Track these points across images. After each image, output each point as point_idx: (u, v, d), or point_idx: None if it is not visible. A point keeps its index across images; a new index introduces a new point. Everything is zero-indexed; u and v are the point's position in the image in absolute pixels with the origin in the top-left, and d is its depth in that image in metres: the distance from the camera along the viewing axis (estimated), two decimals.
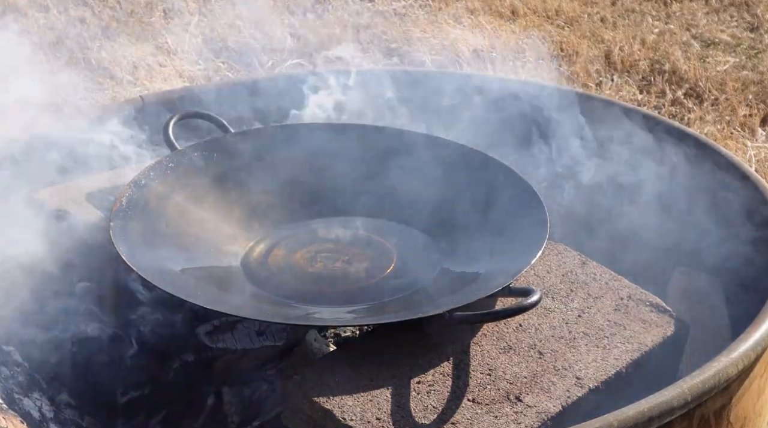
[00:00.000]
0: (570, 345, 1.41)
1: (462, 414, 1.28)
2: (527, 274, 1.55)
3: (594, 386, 1.34)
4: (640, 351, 1.41)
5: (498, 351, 1.39)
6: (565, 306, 1.50)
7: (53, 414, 1.43)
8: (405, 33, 3.67)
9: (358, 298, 1.52)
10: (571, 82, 3.30)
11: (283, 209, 1.71)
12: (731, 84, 3.33)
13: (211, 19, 3.54)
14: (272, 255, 1.62)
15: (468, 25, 3.76)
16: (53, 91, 1.80)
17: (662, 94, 3.31)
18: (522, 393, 1.32)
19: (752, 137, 3.01)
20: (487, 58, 3.46)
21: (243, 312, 1.43)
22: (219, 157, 1.72)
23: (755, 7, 4.02)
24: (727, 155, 1.80)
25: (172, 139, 1.71)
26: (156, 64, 3.41)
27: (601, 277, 1.57)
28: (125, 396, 1.50)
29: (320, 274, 1.58)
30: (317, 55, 3.26)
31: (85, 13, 3.77)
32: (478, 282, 1.46)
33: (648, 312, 1.50)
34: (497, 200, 1.62)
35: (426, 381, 1.33)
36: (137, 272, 1.38)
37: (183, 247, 1.55)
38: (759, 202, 1.68)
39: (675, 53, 3.54)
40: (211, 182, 1.69)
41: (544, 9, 4.00)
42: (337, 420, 1.26)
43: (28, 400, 1.42)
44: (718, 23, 3.89)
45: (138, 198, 1.57)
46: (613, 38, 3.68)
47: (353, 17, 3.72)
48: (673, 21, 3.91)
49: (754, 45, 3.73)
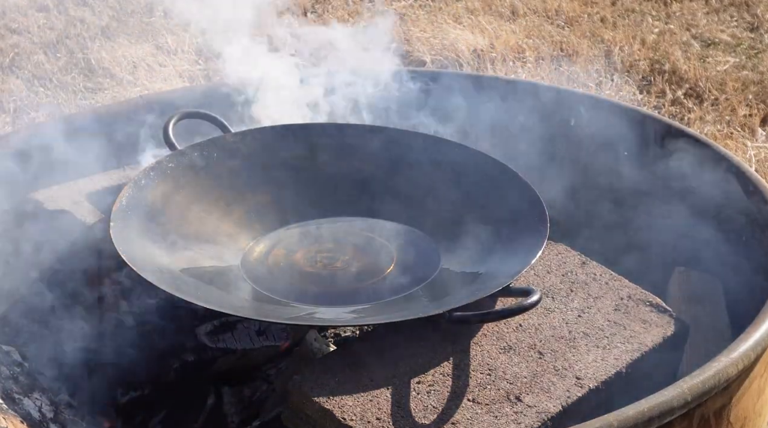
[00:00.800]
0: (570, 345, 1.41)
1: (462, 414, 1.28)
2: (527, 274, 1.55)
3: (594, 386, 1.34)
4: (640, 351, 1.41)
5: (498, 351, 1.39)
6: (565, 306, 1.50)
7: (53, 414, 1.43)
8: (405, 33, 3.67)
9: (358, 298, 1.52)
10: (572, 82, 3.30)
11: (283, 209, 1.71)
12: (731, 84, 3.33)
13: None
14: (272, 255, 1.62)
15: (468, 25, 3.76)
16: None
17: (662, 94, 3.31)
18: (522, 393, 1.32)
19: (752, 137, 3.01)
20: (487, 58, 3.46)
21: (243, 312, 1.43)
22: (219, 157, 1.72)
23: (755, 7, 4.02)
24: (727, 155, 1.80)
25: (172, 139, 1.71)
26: (156, 64, 3.41)
27: (601, 277, 1.57)
28: (125, 396, 1.50)
29: (320, 274, 1.58)
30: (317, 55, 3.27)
31: (85, 13, 3.77)
32: (478, 282, 1.46)
33: (648, 312, 1.50)
34: (497, 200, 1.62)
35: (426, 381, 1.33)
36: (137, 272, 1.38)
37: (183, 247, 1.55)
38: (759, 202, 1.68)
39: (675, 53, 3.54)
40: (211, 182, 1.69)
41: (544, 9, 4.00)
42: (337, 420, 1.26)
43: (28, 400, 1.42)
44: (718, 23, 3.89)
45: (138, 198, 1.57)
46: (613, 38, 3.68)
47: (353, 17, 3.72)
48: (673, 21, 3.91)
49: (754, 45, 3.73)
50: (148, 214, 1.56)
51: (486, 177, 1.67)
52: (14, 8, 3.68)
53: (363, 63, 1.96)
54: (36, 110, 1.86)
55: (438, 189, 1.70)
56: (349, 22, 3.70)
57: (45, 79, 3.27)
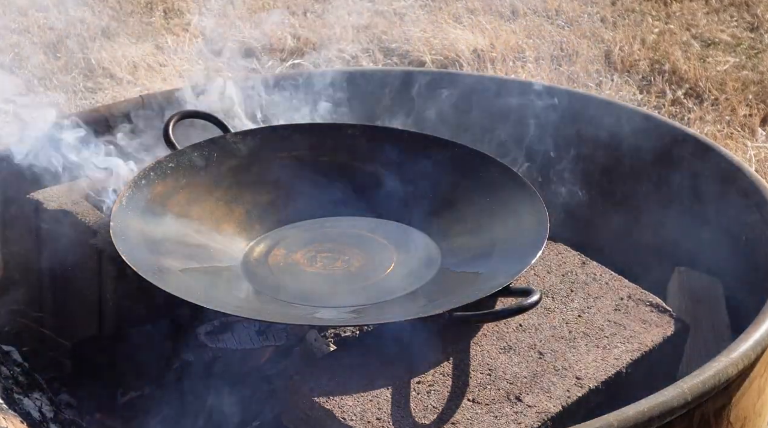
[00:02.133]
0: (570, 345, 1.41)
1: (462, 414, 1.28)
2: (527, 274, 1.55)
3: (594, 386, 1.34)
4: (640, 351, 1.41)
5: (498, 351, 1.39)
6: (565, 306, 1.50)
7: (53, 414, 1.43)
8: (405, 33, 3.67)
9: (358, 298, 1.52)
10: (572, 82, 3.30)
11: (283, 209, 1.71)
12: (731, 84, 3.32)
13: (212, 19, 3.54)
14: (272, 255, 1.62)
15: (468, 25, 3.76)
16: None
17: (662, 94, 3.30)
18: (522, 393, 1.32)
19: (752, 137, 3.01)
20: (487, 58, 3.46)
21: (243, 312, 1.43)
22: (219, 157, 1.72)
23: (755, 7, 4.02)
24: (727, 155, 1.80)
25: (172, 139, 1.71)
26: (156, 63, 3.41)
27: (601, 277, 1.57)
28: (125, 396, 1.50)
29: (320, 274, 1.58)
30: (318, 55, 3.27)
31: (85, 13, 3.77)
32: (478, 282, 1.46)
33: (648, 312, 1.50)
34: (497, 200, 1.62)
35: (426, 381, 1.33)
36: (137, 272, 1.38)
37: (183, 247, 1.55)
38: (759, 202, 1.68)
39: (675, 53, 3.54)
40: (211, 182, 1.69)
41: (544, 9, 3.99)
42: (337, 420, 1.26)
43: (28, 400, 1.42)
44: (718, 23, 3.89)
45: (138, 198, 1.57)
46: (613, 38, 3.68)
47: (353, 17, 3.72)
48: (673, 21, 3.91)
49: (754, 45, 3.73)
50: (148, 213, 1.56)
51: (486, 177, 1.67)
52: (14, 8, 3.68)
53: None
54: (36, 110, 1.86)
55: (438, 189, 1.70)
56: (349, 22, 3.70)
57: (45, 79, 3.27)
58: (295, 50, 3.52)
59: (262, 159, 1.75)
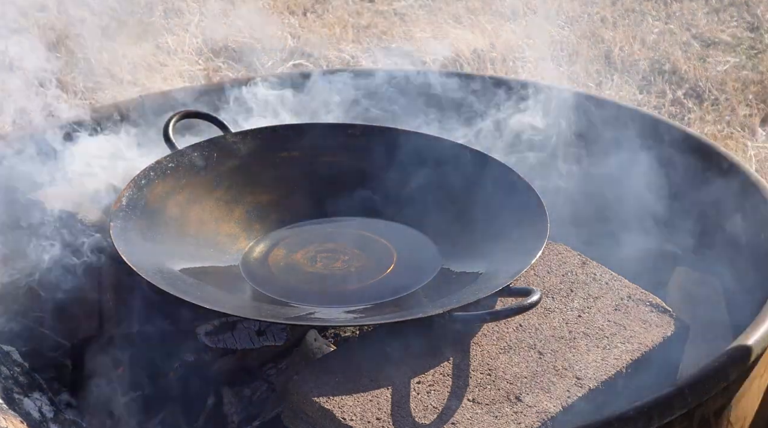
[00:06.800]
0: (570, 345, 1.41)
1: (462, 414, 1.28)
2: (527, 274, 1.55)
3: (594, 386, 1.34)
4: (640, 351, 1.41)
5: (498, 351, 1.39)
6: (565, 306, 1.50)
7: (53, 414, 1.43)
8: (405, 33, 3.67)
9: (358, 298, 1.52)
10: (572, 82, 3.30)
11: (283, 209, 1.71)
12: (731, 84, 3.32)
13: (212, 19, 3.54)
14: (272, 255, 1.62)
15: (468, 25, 3.76)
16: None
17: (662, 94, 3.30)
18: (522, 393, 1.32)
19: (752, 137, 3.01)
20: (487, 58, 3.46)
21: (243, 312, 1.43)
22: (219, 157, 1.72)
23: (755, 7, 4.02)
24: (728, 155, 1.80)
25: (172, 139, 1.71)
26: (156, 64, 3.41)
27: (601, 277, 1.57)
28: (125, 396, 1.50)
29: (320, 274, 1.58)
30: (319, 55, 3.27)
31: (85, 13, 3.77)
32: (478, 282, 1.46)
33: (648, 312, 1.50)
34: (497, 200, 1.62)
35: (426, 381, 1.33)
36: (137, 272, 1.38)
37: (183, 247, 1.55)
38: (759, 202, 1.68)
39: (675, 53, 3.54)
40: (211, 182, 1.69)
41: (544, 9, 3.99)
42: (337, 420, 1.26)
43: (28, 400, 1.42)
44: (718, 23, 3.89)
45: (138, 198, 1.57)
46: (613, 38, 3.68)
47: (353, 17, 3.72)
48: (673, 21, 3.91)
49: (754, 45, 3.73)
50: (148, 213, 1.56)
51: (487, 177, 1.67)
52: (14, 8, 3.68)
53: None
54: (36, 110, 1.86)
55: (438, 189, 1.70)
56: (350, 22, 3.70)
57: (45, 79, 3.27)
58: (295, 50, 3.51)
59: (262, 159, 1.75)
